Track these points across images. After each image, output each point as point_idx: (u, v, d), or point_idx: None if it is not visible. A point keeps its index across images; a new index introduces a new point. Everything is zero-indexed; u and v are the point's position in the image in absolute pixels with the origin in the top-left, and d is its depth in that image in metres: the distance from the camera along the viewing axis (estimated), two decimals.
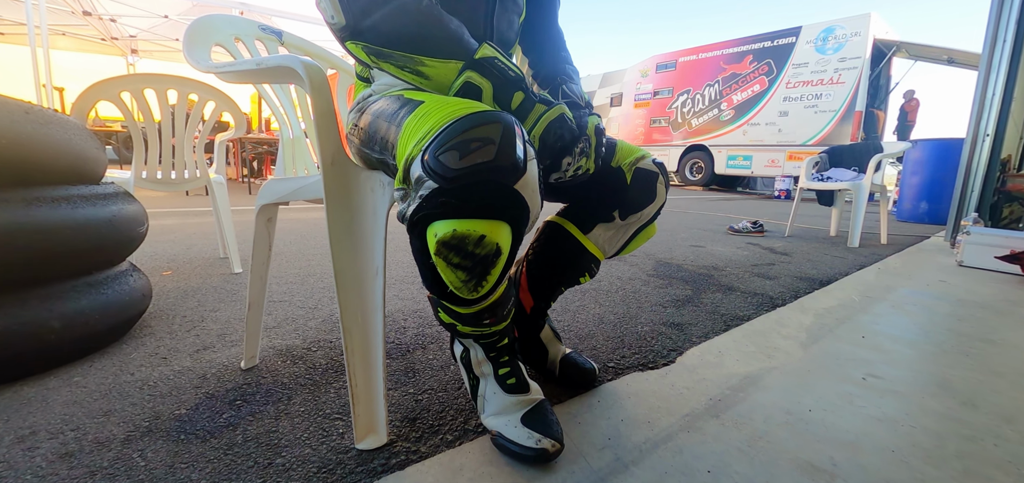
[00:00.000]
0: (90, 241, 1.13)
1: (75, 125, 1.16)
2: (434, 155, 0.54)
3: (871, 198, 3.25)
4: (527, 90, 0.74)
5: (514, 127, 0.57)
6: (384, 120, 0.69)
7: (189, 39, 0.90)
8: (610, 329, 1.42)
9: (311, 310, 1.56)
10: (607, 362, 1.18)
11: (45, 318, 1.03)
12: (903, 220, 5.28)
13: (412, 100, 0.66)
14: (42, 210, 1.03)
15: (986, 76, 3.52)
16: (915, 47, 8.86)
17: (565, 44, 1.09)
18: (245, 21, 1.10)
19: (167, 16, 5.70)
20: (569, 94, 0.93)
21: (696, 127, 11.48)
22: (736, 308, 1.69)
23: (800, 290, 1.97)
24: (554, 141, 0.74)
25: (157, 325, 1.38)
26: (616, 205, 0.94)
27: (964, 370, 1.22)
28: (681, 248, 2.95)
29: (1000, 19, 3.42)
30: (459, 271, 0.58)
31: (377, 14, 0.66)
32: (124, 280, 1.26)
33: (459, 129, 0.54)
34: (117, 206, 1.22)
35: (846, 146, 3.75)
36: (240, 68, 0.81)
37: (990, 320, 1.65)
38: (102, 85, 1.69)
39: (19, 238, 0.98)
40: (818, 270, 2.40)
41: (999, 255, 2.46)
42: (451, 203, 0.55)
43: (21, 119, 1.01)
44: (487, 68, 0.70)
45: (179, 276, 1.98)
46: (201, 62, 0.86)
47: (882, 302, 1.83)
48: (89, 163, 1.19)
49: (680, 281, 2.05)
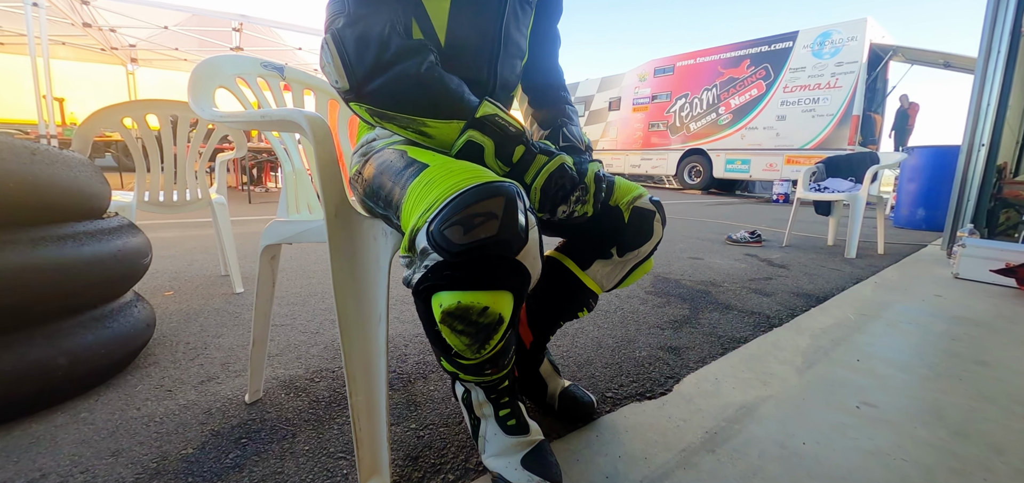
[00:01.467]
0: (96, 277, 1.14)
1: (80, 161, 1.18)
2: (439, 229, 0.56)
3: (868, 203, 3.28)
4: (527, 143, 0.76)
5: (516, 199, 0.59)
6: (389, 178, 0.71)
7: (193, 87, 0.92)
8: (608, 354, 1.44)
9: (313, 334, 1.58)
10: (605, 392, 1.20)
11: (52, 356, 1.05)
12: (900, 226, 5.31)
13: (416, 160, 0.68)
14: (49, 249, 1.04)
15: (981, 86, 3.55)
16: (911, 51, 8.91)
17: (565, 83, 1.11)
18: (247, 59, 1.12)
19: (167, 27, 5.72)
20: (569, 137, 0.95)
21: (694, 131, 11.52)
22: (733, 329, 1.71)
23: (797, 308, 1.99)
24: (555, 191, 0.76)
25: (161, 353, 1.40)
26: (614, 242, 0.96)
27: (957, 395, 1.24)
28: (679, 261, 2.97)
29: (994, 29, 3.45)
30: (463, 337, 0.60)
31: (379, 80, 0.68)
32: (129, 312, 1.28)
33: (463, 204, 0.56)
34: (122, 240, 1.24)
35: (843, 156, 3.78)
36: (245, 119, 0.82)
37: (984, 339, 1.67)
38: (105, 112, 1.71)
39: (27, 278, 1.00)
40: (815, 285, 2.42)
41: (994, 269, 2.48)
42: (456, 276, 0.57)
43: (28, 161, 1.03)
44: (488, 126, 0.72)
45: (181, 297, 2.00)
46: (206, 111, 0.87)
47: (877, 320, 1.85)
48: (94, 198, 1.21)
49: (678, 299, 2.07)
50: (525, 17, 0.95)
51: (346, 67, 0.68)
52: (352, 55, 0.68)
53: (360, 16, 0.68)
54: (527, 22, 0.97)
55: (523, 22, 0.95)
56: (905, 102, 9.46)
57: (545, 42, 1.06)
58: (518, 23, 0.93)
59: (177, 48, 6.73)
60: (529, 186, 0.76)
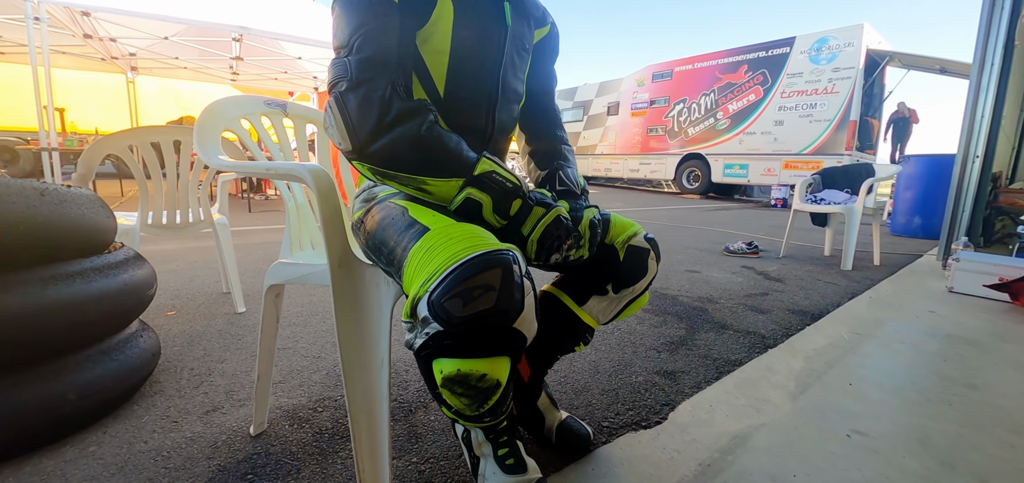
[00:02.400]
0: (104, 312, 1.17)
1: (87, 198, 1.21)
2: (439, 301, 0.58)
3: (864, 216, 3.32)
4: (524, 195, 0.78)
5: (512, 269, 0.62)
6: (391, 237, 0.74)
7: (199, 134, 0.94)
8: (605, 380, 1.47)
9: (315, 359, 1.60)
10: (602, 421, 1.23)
11: (61, 391, 1.07)
12: (897, 234, 5.34)
13: (417, 221, 0.71)
14: (59, 288, 1.07)
15: (975, 97, 3.58)
16: (908, 57, 8.96)
17: (561, 121, 1.14)
18: (250, 100, 1.15)
19: (167, 37, 5.75)
20: (565, 181, 0.98)
21: (693, 136, 11.56)
22: (729, 351, 1.73)
23: (792, 326, 2.02)
24: (551, 242, 0.79)
25: (166, 381, 1.42)
26: (610, 279, 0.99)
27: (945, 422, 1.27)
28: (677, 275, 3.00)
29: (988, 41, 3.49)
30: (463, 399, 0.63)
31: (381, 141, 0.71)
32: (135, 343, 1.30)
33: (462, 277, 0.59)
34: (128, 273, 1.27)
35: (839, 168, 3.81)
36: (251, 170, 0.85)
37: (975, 360, 1.70)
38: (109, 140, 1.73)
39: (38, 318, 1.03)
40: (810, 300, 2.45)
41: (987, 284, 2.51)
42: (455, 345, 0.60)
43: (37, 203, 1.05)
44: (486, 183, 0.75)
45: (183, 317, 2.03)
46: (213, 158, 0.90)
47: (871, 340, 1.88)
48: (101, 233, 1.24)
49: (675, 317, 2.10)
50: (522, 63, 0.98)
51: (349, 130, 0.71)
52: (355, 118, 0.71)
53: (362, 80, 0.71)
54: (524, 67, 1.00)
55: (520, 68, 0.98)
56: (904, 109, 9.51)
57: (542, 83, 1.09)
58: (515, 70, 0.95)
59: (177, 57, 6.75)
60: (526, 237, 0.79)
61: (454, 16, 0.81)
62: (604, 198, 10.34)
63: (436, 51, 0.83)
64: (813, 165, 9.49)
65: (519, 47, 0.95)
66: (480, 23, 0.85)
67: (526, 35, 0.97)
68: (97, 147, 1.73)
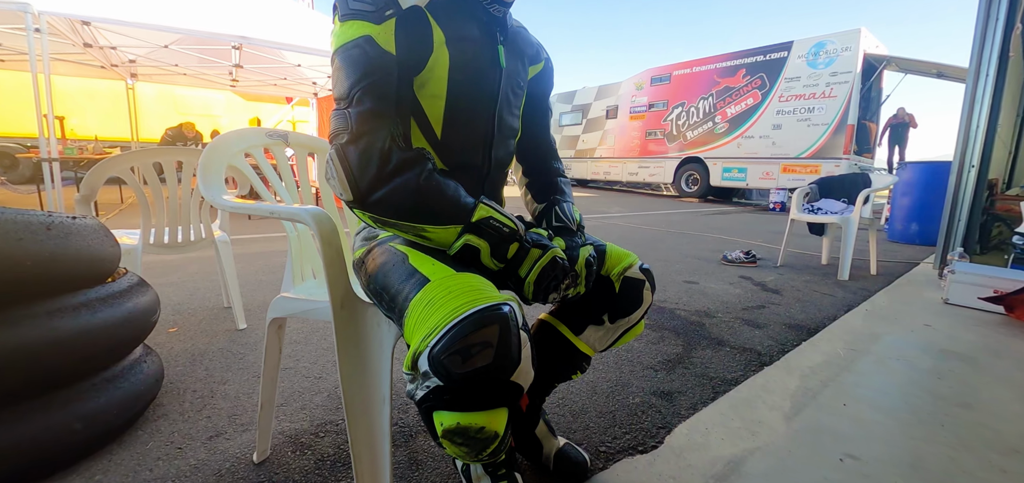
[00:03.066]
0: (109, 341, 1.19)
1: (92, 228, 1.22)
2: (439, 357, 0.60)
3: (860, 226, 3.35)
4: (521, 239, 0.80)
5: (509, 325, 0.64)
6: (392, 282, 0.75)
7: (204, 174, 0.96)
8: (602, 401, 1.49)
9: (316, 380, 1.62)
10: (599, 446, 1.25)
11: (68, 421, 1.09)
12: (894, 240, 5.37)
13: (417, 271, 0.73)
14: (65, 320, 1.09)
15: (970, 107, 3.60)
16: (905, 61, 9.00)
17: (556, 152, 1.16)
18: (253, 132, 1.17)
19: (167, 46, 5.77)
20: (561, 217, 1.00)
21: (691, 139, 11.60)
22: (725, 369, 1.75)
23: (788, 342, 2.04)
24: (548, 283, 0.81)
25: (169, 404, 1.44)
26: (606, 310, 1.01)
27: (937, 444, 1.29)
28: (675, 286, 3.02)
29: (983, 52, 3.51)
30: (462, 448, 0.65)
31: (381, 192, 0.73)
32: (139, 368, 1.32)
33: (461, 334, 0.61)
34: (132, 301, 1.28)
35: (836, 177, 3.84)
36: (256, 211, 0.87)
37: (969, 378, 1.72)
38: (112, 162, 1.75)
39: (44, 351, 1.04)
40: (807, 314, 2.47)
41: (982, 296, 2.54)
42: (455, 399, 0.62)
43: (44, 236, 1.07)
44: (483, 229, 0.77)
45: (185, 333, 2.04)
46: (217, 198, 0.92)
47: (866, 356, 1.90)
48: (105, 262, 1.26)
49: (672, 333, 2.12)
50: (517, 100, 1.00)
51: (350, 181, 0.73)
52: (356, 170, 0.73)
53: (362, 132, 0.73)
54: (519, 104, 1.02)
55: (515, 105, 1.00)
56: (904, 114, 9.56)
57: (537, 116, 1.11)
58: (511, 107, 0.98)
59: (177, 65, 6.77)
60: (523, 279, 0.81)
61: (450, 61, 0.83)
62: (603, 201, 10.36)
63: (433, 96, 0.85)
64: (811, 169, 9.54)
65: (514, 86, 0.97)
66: (475, 67, 0.87)
67: (520, 73, 0.99)
68: (100, 170, 1.75)
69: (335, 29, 0.78)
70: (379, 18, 0.75)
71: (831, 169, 9.22)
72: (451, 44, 0.83)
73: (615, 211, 8.50)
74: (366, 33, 0.74)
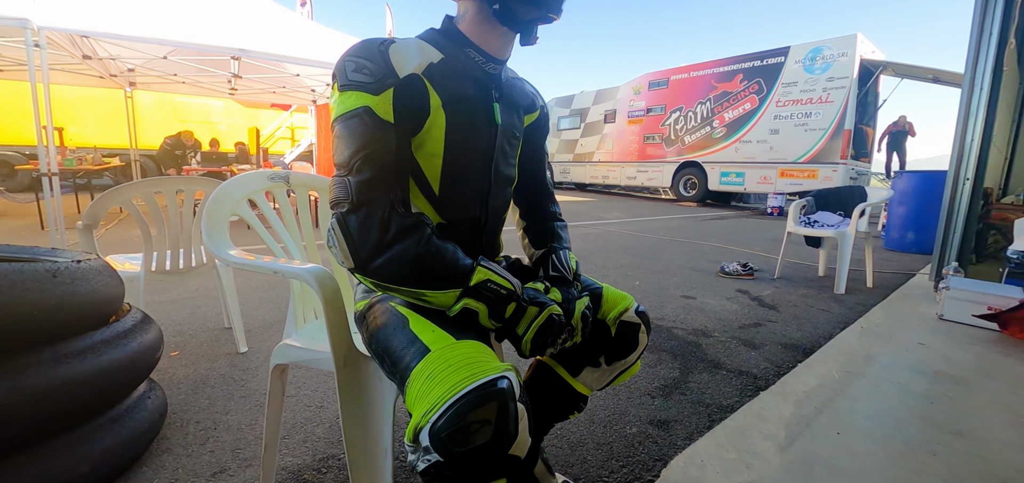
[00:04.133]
0: (115, 382, 1.21)
1: (97, 270, 1.24)
2: (439, 436, 0.63)
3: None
4: (518, 299, 0.83)
5: (507, 400, 0.66)
6: (393, 346, 0.77)
7: (209, 227, 0.98)
8: (600, 431, 1.51)
9: (317, 410, 1.64)
10: (596, 480, 1.27)
11: (75, 464, 1.11)
12: (891, 248, 5.40)
13: (418, 338, 0.75)
14: (71, 366, 1.11)
15: (965, 122, 3.63)
16: (901, 67, 9.05)
17: (553, 195, 1.19)
18: (255, 176, 1.19)
19: (166, 57, 5.78)
20: (558, 266, 1.02)
21: (689, 144, 11.64)
22: (721, 394, 1.78)
23: (783, 364, 2.07)
24: (545, 340, 0.83)
25: (173, 436, 1.46)
26: (602, 353, 1.04)
27: (928, 475, 1.32)
28: (673, 302, 3.04)
29: (977, 67, 3.54)
30: None
31: (381, 259, 0.75)
32: (143, 405, 1.34)
33: (460, 413, 0.63)
34: (137, 340, 1.30)
35: (832, 190, 3.87)
36: (261, 269, 0.89)
37: (961, 402, 1.75)
38: (114, 193, 1.77)
39: (51, 397, 1.06)
40: (803, 331, 2.50)
41: (976, 314, 2.56)
42: (455, 475, 0.64)
43: (50, 285, 1.09)
44: (481, 293, 0.79)
45: (186, 358, 2.06)
46: (223, 253, 0.94)
47: (860, 379, 1.92)
48: (111, 302, 1.28)
49: (669, 355, 2.14)
50: (513, 150, 1.02)
51: (351, 250, 0.75)
52: (357, 239, 0.75)
53: (362, 202, 0.75)
54: (515, 153, 1.04)
55: (511, 155, 1.02)
56: (904, 122, 9.63)
57: (533, 161, 1.14)
58: (507, 158, 1.00)
59: (176, 74, 6.79)
60: (521, 337, 0.83)
61: (446, 123, 0.86)
62: (601, 206, 10.39)
63: (431, 155, 0.87)
64: (809, 173, 9.58)
65: (510, 138, 0.99)
66: (471, 125, 0.89)
67: (516, 124, 1.01)
68: (103, 201, 1.77)
69: (335, 97, 0.80)
70: (378, 89, 0.77)
71: (829, 173, 9.27)
72: (447, 106, 0.85)
73: (613, 216, 8.53)
74: (365, 104, 0.76)
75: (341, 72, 0.78)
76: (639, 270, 3.99)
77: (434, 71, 0.84)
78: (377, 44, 0.80)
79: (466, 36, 0.88)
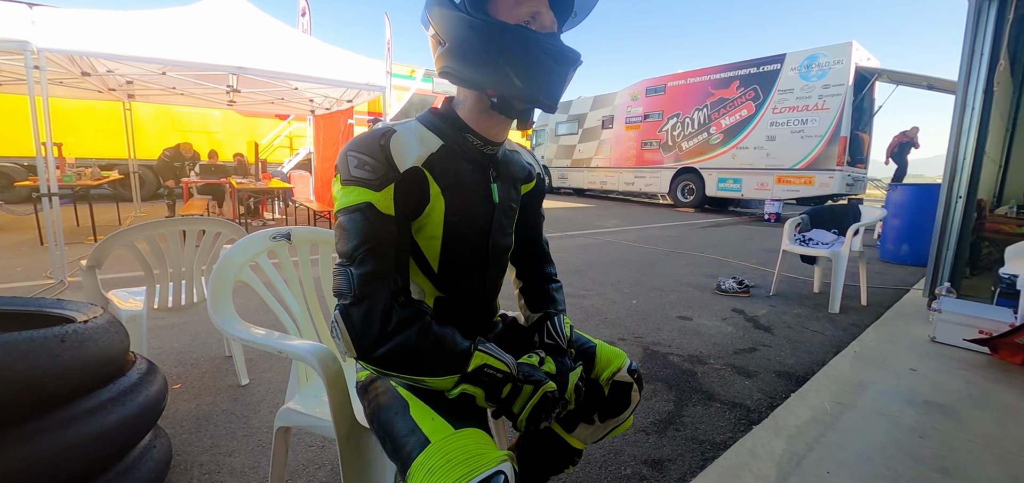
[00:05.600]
0: (122, 437, 1.24)
1: (104, 329, 1.27)
2: None
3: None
4: (514, 380, 0.86)
5: None
6: (394, 430, 0.81)
7: (214, 300, 1.02)
8: (595, 473, 1.54)
9: (319, 450, 1.67)
10: None
11: None
12: (886, 260, 5.45)
13: (418, 427, 0.78)
14: (80, 427, 1.14)
15: (957, 140, 3.67)
16: (896, 74, 9.10)
17: (549, 256, 1.22)
18: (257, 239, 1.22)
19: (165, 72, 5.81)
20: (553, 335, 1.05)
21: (686, 150, 11.69)
22: (715, 429, 1.81)
23: (777, 394, 2.10)
24: (540, 417, 0.87)
25: (179, 481, 1.49)
26: (595, 410, 1.07)
27: None
28: (669, 322, 3.08)
29: (968, 87, 3.58)
30: None
31: (383, 349, 0.78)
32: (149, 455, 1.37)
33: None
34: (143, 393, 1.33)
35: (826, 208, 3.91)
36: (266, 347, 0.93)
37: (950, 436, 1.78)
38: (119, 236, 1.80)
39: (61, 459, 1.09)
40: (797, 357, 2.54)
41: (968, 338, 2.60)
42: None
43: (59, 350, 1.12)
44: (478, 377, 0.82)
45: (189, 391, 2.09)
46: (231, 329, 0.97)
47: (852, 411, 1.96)
48: (117, 358, 1.31)
49: (664, 385, 2.18)
50: (510, 220, 1.06)
51: (354, 340, 0.79)
52: (359, 331, 0.78)
53: (364, 295, 0.78)
54: (512, 223, 1.07)
55: (508, 226, 1.05)
56: (914, 133, 9.72)
57: (530, 224, 1.17)
58: (504, 230, 1.03)
59: (174, 88, 6.81)
60: (517, 414, 0.86)
61: (445, 208, 0.89)
62: (599, 213, 10.43)
63: (430, 237, 0.90)
64: (805, 180, 9.63)
65: (506, 211, 1.02)
66: (470, 207, 0.92)
67: (513, 197, 1.05)
68: (107, 243, 1.80)
69: (337, 188, 0.83)
70: (379, 186, 0.80)
71: (825, 180, 9.33)
72: (447, 192, 0.89)
73: (611, 225, 8.57)
74: (367, 200, 0.80)
75: (343, 167, 0.82)
76: (637, 287, 4.02)
77: (434, 161, 0.87)
78: (378, 138, 0.83)
79: (465, 122, 0.91)
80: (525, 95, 0.83)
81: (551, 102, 0.85)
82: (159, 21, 4.63)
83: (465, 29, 0.81)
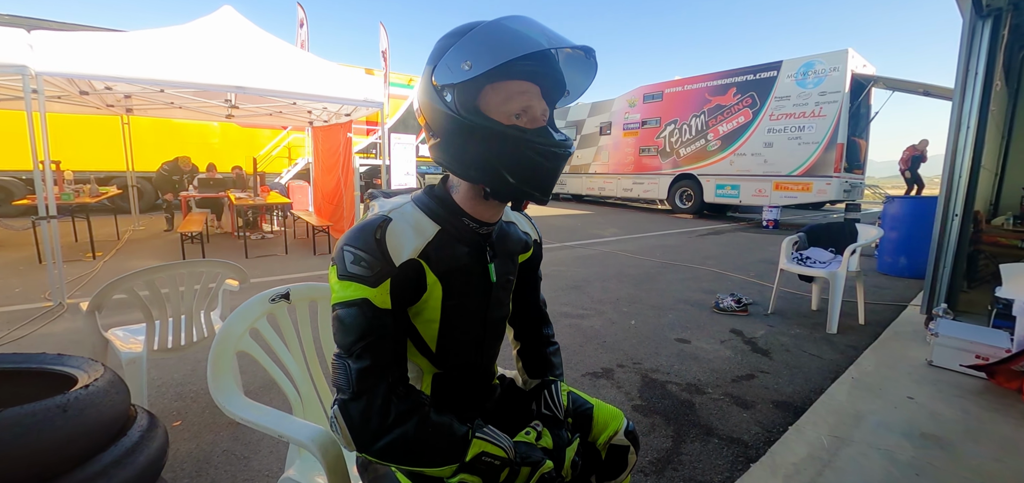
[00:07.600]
0: None
1: (105, 390, 1.28)
2: None
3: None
4: (512, 464, 0.87)
5: None
6: None
7: (214, 375, 1.02)
8: None
9: None
10: None
11: None
12: (883, 272, 5.47)
13: None
14: None
15: (953, 158, 3.69)
16: (892, 81, 9.15)
17: (547, 318, 1.23)
18: (256, 304, 1.23)
19: (163, 90, 5.82)
20: (550, 405, 1.06)
21: (684, 156, 11.72)
22: (712, 468, 1.83)
23: (774, 427, 2.12)
24: None
25: None
26: (593, 473, 1.08)
27: None
28: (668, 345, 3.09)
29: (962, 108, 3.60)
30: None
31: (381, 443, 0.80)
32: None
33: None
34: (145, 452, 1.34)
35: (822, 225, 3.93)
36: (267, 430, 0.94)
37: (946, 473, 1.80)
38: (118, 283, 1.81)
39: None
40: (794, 384, 2.55)
41: (965, 364, 2.62)
42: None
43: (61, 421, 1.13)
44: (476, 466, 0.84)
45: (189, 427, 2.10)
46: (233, 407, 0.98)
47: (849, 446, 1.97)
48: (119, 418, 1.31)
49: (662, 419, 2.19)
50: (507, 292, 1.07)
51: (353, 435, 0.80)
52: (358, 425, 0.79)
53: (363, 390, 0.79)
54: (509, 294, 1.08)
55: (504, 298, 1.06)
56: (923, 147, 9.79)
57: (528, 288, 1.18)
58: (500, 303, 1.04)
59: (172, 102, 6.82)
60: None
61: (443, 292, 0.90)
62: (597, 220, 10.45)
63: (428, 320, 0.91)
64: (803, 186, 9.66)
65: (503, 284, 1.03)
66: (467, 289, 0.94)
67: (511, 270, 1.06)
68: (109, 289, 1.81)
69: (333, 282, 0.84)
70: (375, 282, 0.81)
71: (823, 186, 9.36)
72: (443, 278, 0.90)
73: (610, 233, 8.58)
74: (363, 297, 0.81)
75: (339, 262, 0.83)
76: (636, 305, 4.04)
77: (430, 250, 0.88)
78: (373, 231, 0.84)
79: (461, 207, 0.92)
80: (518, 192, 0.85)
81: (543, 195, 0.86)
82: (157, 41, 4.64)
83: (456, 129, 0.82)
